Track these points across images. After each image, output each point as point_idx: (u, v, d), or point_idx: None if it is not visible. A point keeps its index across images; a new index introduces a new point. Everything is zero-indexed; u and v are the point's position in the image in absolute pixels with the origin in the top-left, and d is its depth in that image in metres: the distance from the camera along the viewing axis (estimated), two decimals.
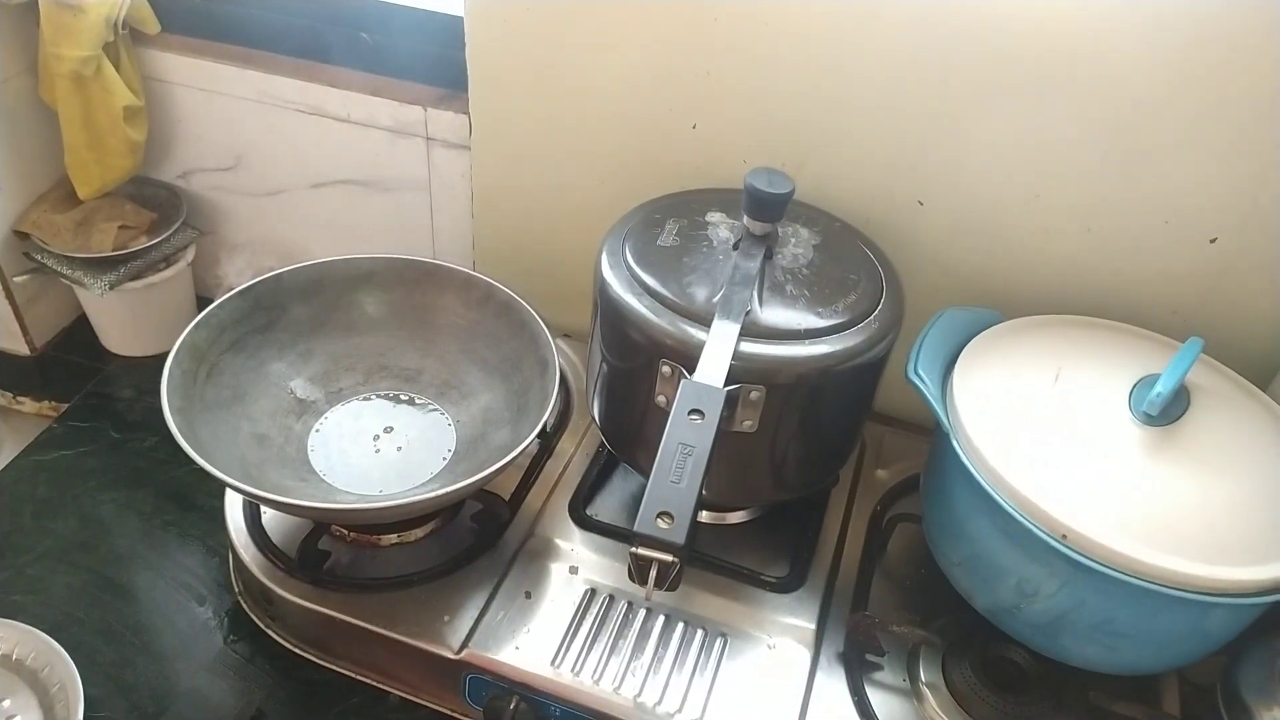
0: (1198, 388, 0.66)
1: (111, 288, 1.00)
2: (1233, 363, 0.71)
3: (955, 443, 0.65)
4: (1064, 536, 0.59)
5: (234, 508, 0.80)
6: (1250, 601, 0.57)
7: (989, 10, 0.71)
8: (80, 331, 1.11)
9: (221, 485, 0.69)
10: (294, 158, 1.03)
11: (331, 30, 0.97)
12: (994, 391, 0.67)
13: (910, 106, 0.77)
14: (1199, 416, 0.64)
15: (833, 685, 0.70)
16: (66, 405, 1.02)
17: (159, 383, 0.72)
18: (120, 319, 1.07)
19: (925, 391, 0.67)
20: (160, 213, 1.06)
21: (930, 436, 0.74)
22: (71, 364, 1.08)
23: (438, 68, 0.95)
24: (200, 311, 0.79)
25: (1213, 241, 0.76)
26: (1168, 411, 0.63)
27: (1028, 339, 0.72)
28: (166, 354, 0.75)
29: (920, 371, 0.68)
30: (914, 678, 0.71)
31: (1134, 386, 0.65)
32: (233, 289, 0.82)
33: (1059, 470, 0.62)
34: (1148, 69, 0.70)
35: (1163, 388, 0.62)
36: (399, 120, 0.96)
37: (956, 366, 0.70)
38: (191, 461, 0.67)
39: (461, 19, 0.87)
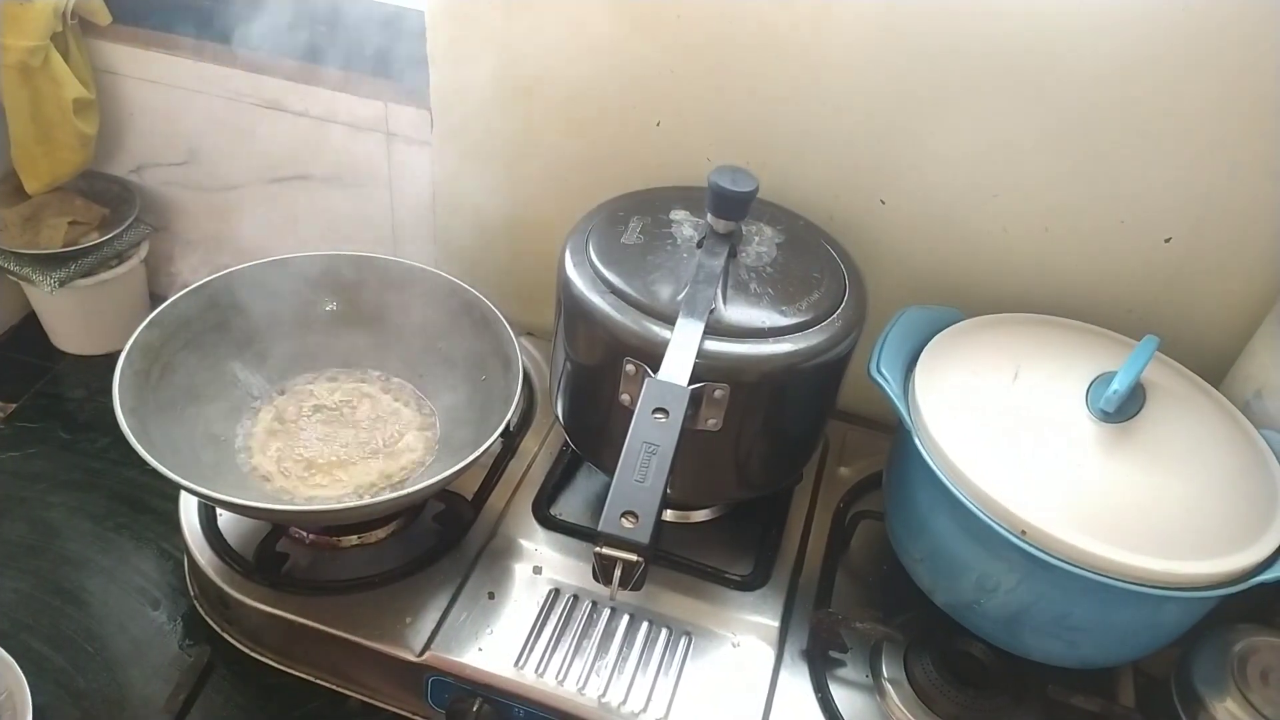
0: (1153, 385, 0.67)
1: (61, 285, 0.98)
2: (1187, 360, 0.73)
3: (917, 440, 0.65)
4: (1023, 532, 0.59)
5: (189, 510, 0.78)
6: (1203, 595, 0.59)
7: (950, 11, 0.72)
8: (29, 329, 1.08)
9: (176, 487, 0.67)
10: (250, 153, 1.01)
11: (289, 23, 0.95)
12: (954, 389, 0.68)
13: (872, 106, 0.78)
14: (1154, 413, 0.65)
15: (797, 682, 0.71)
16: (14, 405, 0.99)
17: (111, 382, 0.70)
18: (70, 317, 1.05)
19: (887, 389, 0.67)
20: (112, 208, 1.04)
21: (892, 434, 0.75)
22: (20, 363, 1.06)
23: (398, 62, 0.93)
24: (154, 309, 0.77)
25: (1168, 241, 0.77)
26: (1124, 409, 0.64)
27: (987, 337, 0.73)
28: (118, 353, 0.73)
29: (882, 369, 0.68)
30: (876, 674, 0.71)
31: (1091, 384, 0.66)
32: (187, 286, 0.80)
33: (1018, 467, 0.62)
34: (1105, 72, 0.71)
35: (1119, 385, 0.63)
36: (358, 115, 0.94)
37: (918, 364, 0.70)
38: (144, 463, 0.66)
39: (422, 13, 0.86)
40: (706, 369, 0.64)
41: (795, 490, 0.86)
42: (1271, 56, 0.67)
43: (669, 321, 0.66)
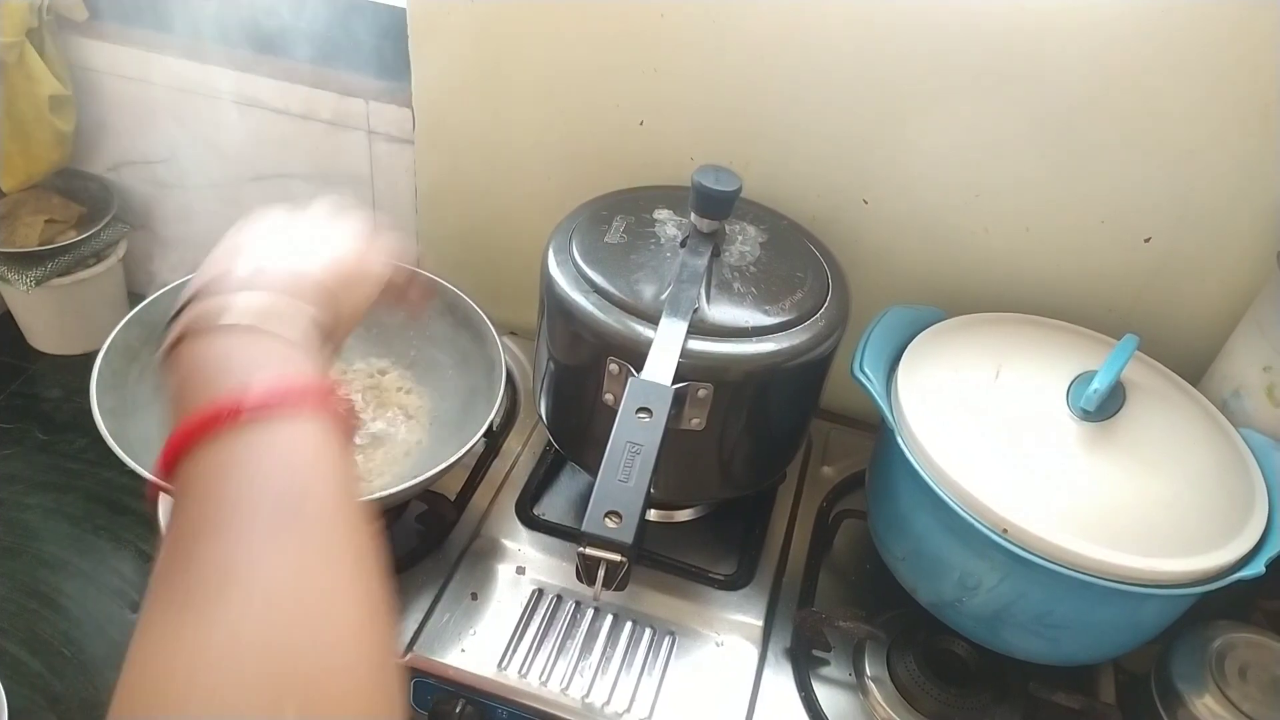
0: (1133, 384, 0.67)
1: (38, 284, 0.97)
2: (1166, 359, 0.73)
3: (899, 439, 0.65)
4: (1004, 531, 0.60)
5: (168, 512, 0.77)
6: (1183, 592, 0.59)
7: (932, 11, 0.72)
8: (4, 329, 1.07)
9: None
10: (230, 151, 1.00)
11: (269, 19, 0.95)
12: (937, 388, 0.68)
13: (856, 105, 0.78)
14: (1134, 412, 0.66)
15: (780, 681, 0.71)
16: None
17: (88, 382, 0.70)
18: (47, 316, 1.04)
19: (870, 388, 0.67)
20: (90, 206, 1.03)
21: (875, 433, 0.75)
22: None
23: (380, 59, 0.93)
24: (132, 308, 0.76)
25: (1147, 241, 0.78)
26: (1104, 407, 0.65)
27: (969, 336, 0.74)
28: (96, 352, 0.72)
29: (865, 369, 0.68)
30: (859, 672, 0.71)
31: (1072, 383, 0.67)
32: (166, 285, 0.79)
33: (999, 465, 0.63)
34: (1086, 73, 0.71)
35: (1099, 384, 0.64)
36: (339, 113, 0.94)
37: (901, 364, 0.70)
38: (123, 464, 0.65)
39: (404, 10, 0.85)
40: (690, 368, 0.64)
41: (779, 489, 0.86)
42: (1250, 58, 0.67)
43: (652, 321, 0.66)
